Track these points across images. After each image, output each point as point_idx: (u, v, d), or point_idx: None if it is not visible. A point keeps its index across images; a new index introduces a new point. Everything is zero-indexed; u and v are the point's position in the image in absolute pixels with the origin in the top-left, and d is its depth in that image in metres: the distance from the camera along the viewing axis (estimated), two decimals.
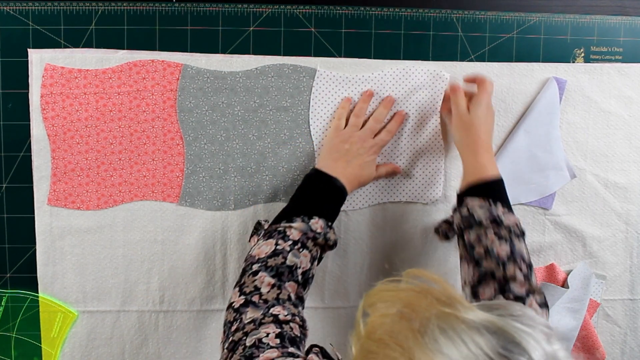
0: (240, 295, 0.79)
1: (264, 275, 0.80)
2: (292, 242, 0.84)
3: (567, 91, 1.05)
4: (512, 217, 0.87)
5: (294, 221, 0.86)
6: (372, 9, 1.01)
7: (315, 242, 0.86)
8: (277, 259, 0.82)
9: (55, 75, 0.96)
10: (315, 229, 0.86)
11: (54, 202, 0.99)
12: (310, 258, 0.85)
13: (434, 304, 0.53)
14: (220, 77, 0.99)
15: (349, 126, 0.98)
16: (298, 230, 0.85)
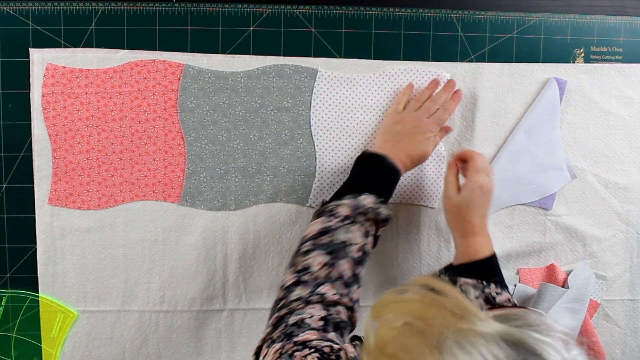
0: (292, 274, 0.78)
1: (316, 254, 0.79)
2: (342, 217, 0.83)
3: (568, 91, 1.05)
4: (505, 294, 0.86)
5: (343, 198, 0.85)
6: (372, 9, 1.01)
7: (366, 216, 0.84)
8: (329, 236, 0.81)
9: (57, 75, 0.96)
10: (364, 204, 0.84)
11: (54, 201, 0.99)
12: (364, 232, 0.84)
13: (448, 317, 0.53)
14: (221, 77, 0.99)
15: (406, 109, 0.98)
16: (347, 206, 0.84)
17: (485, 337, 0.50)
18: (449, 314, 0.53)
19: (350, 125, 1.02)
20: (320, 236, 0.81)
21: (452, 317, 0.52)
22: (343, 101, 1.01)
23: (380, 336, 0.55)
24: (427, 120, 0.95)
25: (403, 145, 0.93)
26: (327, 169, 1.02)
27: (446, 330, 0.51)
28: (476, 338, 0.50)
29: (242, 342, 1.06)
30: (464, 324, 0.51)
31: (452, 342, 0.50)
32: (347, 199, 0.85)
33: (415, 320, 0.54)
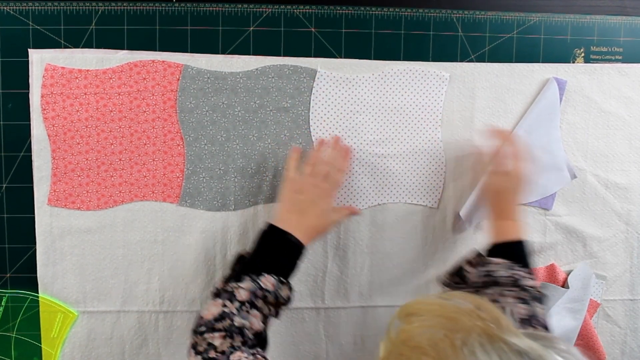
0: (197, 355, 0.76)
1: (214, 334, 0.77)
2: (240, 303, 0.80)
3: (567, 91, 1.05)
4: (533, 281, 0.86)
5: (242, 280, 0.82)
6: (372, 9, 1.01)
7: (266, 300, 0.82)
8: (224, 322, 0.78)
9: (56, 76, 0.96)
10: (265, 287, 0.82)
11: (54, 202, 0.99)
12: (262, 317, 0.82)
13: (479, 323, 0.54)
14: (220, 77, 0.99)
15: (301, 175, 0.95)
16: (246, 290, 0.81)
17: (509, 345, 0.51)
18: (481, 322, 0.54)
19: (350, 125, 1.02)
20: (215, 322, 0.79)
21: (482, 323, 0.54)
22: (342, 101, 1.01)
23: (407, 330, 0.57)
24: (325, 185, 0.94)
25: (308, 217, 0.91)
26: None
27: (471, 332, 0.52)
28: (500, 344, 0.51)
29: None
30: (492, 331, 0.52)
31: (475, 342, 0.51)
32: (247, 281, 0.82)
33: (445, 321, 0.56)
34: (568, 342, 1.08)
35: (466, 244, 1.07)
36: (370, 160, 1.03)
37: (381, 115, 1.02)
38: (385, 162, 1.03)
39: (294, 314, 1.06)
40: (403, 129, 1.03)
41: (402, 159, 1.04)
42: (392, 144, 1.03)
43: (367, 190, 1.04)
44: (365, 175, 1.03)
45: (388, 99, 1.02)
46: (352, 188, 1.03)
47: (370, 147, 1.03)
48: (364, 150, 1.03)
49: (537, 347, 0.51)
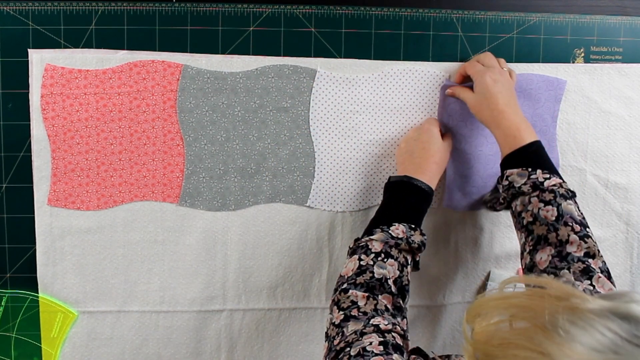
0: (339, 311, 0.79)
1: (355, 292, 0.81)
2: (375, 254, 0.84)
3: (567, 91, 1.05)
4: (554, 179, 0.86)
5: (374, 233, 0.86)
6: (372, 9, 1.01)
7: (399, 248, 0.86)
8: (365, 275, 0.82)
9: (56, 76, 0.96)
10: (396, 236, 0.86)
11: (54, 202, 0.99)
12: (398, 266, 0.84)
13: (553, 302, 0.53)
14: (220, 77, 0.99)
15: None
16: (379, 241, 0.85)
17: (596, 313, 0.50)
18: (554, 299, 0.53)
19: (350, 125, 1.02)
20: (356, 276, 0.83)
21: (557, 301, 0.53)
22: (342, 101, 1.01)
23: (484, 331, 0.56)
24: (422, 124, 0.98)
25: (418, 153, 0.95)
26: (326, 169, 1.02)
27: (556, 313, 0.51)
28: (587, 315, 0.50)
29: (241, 342, 1.06)
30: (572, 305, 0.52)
31: (564, 321, 0.50)
32: (377, 233, 0.86)
33: (519, 310, 0.55)
34: None
35: (467, 243, 1.07)
36: (370, 160, 1.03)
37: (381, 115, 1.02)
38: (385, 162, 1.03)
39: (293, 314, 1.06)
40: (403, 129, 1.03)
41: None
42: (392, 144, 1.03)
43: (367, 190, 1.04)
44: (365, 175, 1.03)
45: (388, 99, 1.02)
46: (352, 188, 1.03)
47: (370, 147, 1.03)
48: (364, 150, 1.03)
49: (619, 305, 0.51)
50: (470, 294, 1.09)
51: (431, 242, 1.06)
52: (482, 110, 0.92)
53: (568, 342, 0.49)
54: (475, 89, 0.94)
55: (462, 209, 1.06)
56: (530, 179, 0.86)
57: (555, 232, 0.81)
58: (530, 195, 0.85)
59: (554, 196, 0.83)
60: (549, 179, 0.85)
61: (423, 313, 1.08)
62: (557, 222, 0.82)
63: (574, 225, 0.81)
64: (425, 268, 1.07)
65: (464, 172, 1.04)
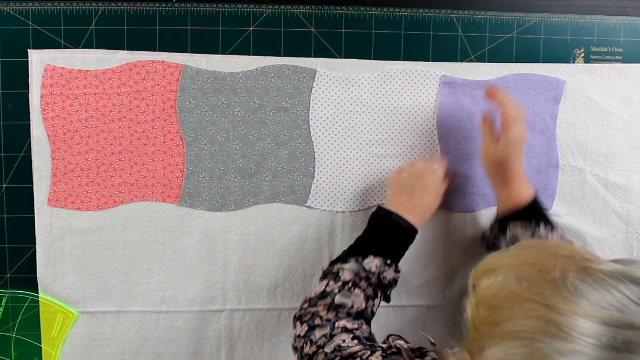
0: (302, 324, 0.81)
1: (319, 308, 0.82)
2: (342, 283, 0.84)
3: (567, 91, 1.05)
4: (556, 233, 0.88)
5: (347, 262, 0.87)
6: (372, 9, 1.01)
7: (369, 281, 0.86)
8: (326, 300, 0.83)
9: (55, 76, 0.96)
10: (368, 269, 0.86)
11: (53, 202, 0.99)
12: (364, 297, 0.85)
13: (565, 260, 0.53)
14: (220, 77, 0.99)
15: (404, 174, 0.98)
16: (349, 271, 0.85)
17: (606, 273, 0.51)
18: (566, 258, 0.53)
19: (349, 125, 1.02)
20: (319, 299, 0.84)
21: (570, 260, 0.53)
22: (342, 101, 1.01)
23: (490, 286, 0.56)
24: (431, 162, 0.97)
25: (417, 194, 0.93)
26: (326, 169, 1.02)
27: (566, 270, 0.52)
28: (598, 274, 0.51)
29: (241, 342, 1.06)
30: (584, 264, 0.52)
31: (574, 278, 0.51)
32: (350, 262, 0.86)
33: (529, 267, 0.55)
34: None
35: (466, 243, 1.07)
36: (370, 160, 1.03)
37: (381, 115, 1.02)
38: (385, 162, 1.03)
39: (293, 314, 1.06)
40: (403, 129, 1.03)
41: (402, 159, 1.04)
42: (392, 144, 1.03)
43: (366, 190, 1.04)
44: (365, 176, 1.03)
45: (388, 99, 1.02)
46: (351, 188, 1.03)
47: (370, 147, 1.03)
48: (364, 150, 1.03)
49: (632, 270, 0.51)
50: None
51: (431, 241, 1.06)
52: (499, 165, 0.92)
53: (575, 297, 0.49)
54: (502, 140, 0.91)
55: (462, 209, 1.06)
56: (534, 234, 0.88)
57: None
58: None
59: None
60: (551, 233, 0.88)
61: (423, 313, 1.08)
62: None
63: None
64: (425, 268, 1.07)
65: (464, 172, 1.04)
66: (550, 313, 0.49)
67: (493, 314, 0.54)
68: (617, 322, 0.48)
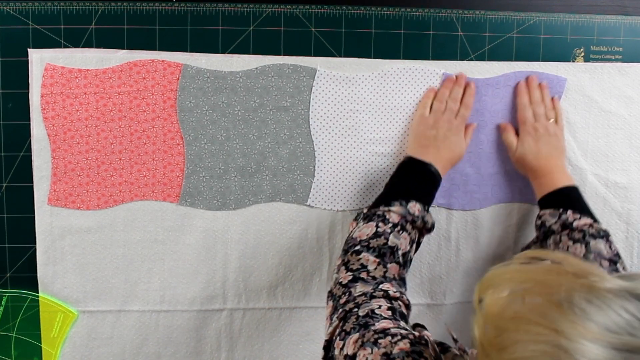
0: (347, 272, 0.80)
1: (367, 255, 0.82)
2: (392, 224, 0.85)
3: (568, 91, 1.05)
4: (585, 219, 0.90)
5: (392, 205, 0.87)
6: (372, 8, 1.01)
7: (414, 225, 0.88)
8: (379, 240, 0.84)
9: (56, 75, 0.96)
10: (413, 212, 0.87)
11: (54, 202, 0.99)
12: (410, 241, 0.86)
13: (570, 279, 0.52)
14: (220, 76, 0.99)
15: (433, 112, 1.00)
16: (397, 213, 0.86)
17: (612, 292, 0.49)
18: (572, 276, 0.52)
19: (350, 124, 1.02)
20: (370, 239, 0.84)
21: (574, 278, 0.52)
22: (342, 100, 1.01)
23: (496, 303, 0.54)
24: (456, 121, 0.99)
25: (444, 150, 0.97)
26: (326, 168, 1.02)
27: (572, 290, 0.50)
28: (604, 294, 0.49)
29: (241, 341, 1.06)
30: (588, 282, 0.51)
31: (580, 299, 0.49)
32: (396, 205, 0.87)
33: (535, 285, 0.54)
34: None
35: (468, 242, 1.07)
36: (370, 158, 1.03)
37: (381, 113, 1.02)
38: (386, 160, 1.03)
39: (293, 313, 1.06)
40: (403, 127, 1.03)
41: (402, 157, 1.03)
42: (392, 142, 1.03)
43: (367, 189, 1.04)
44: (366, 174, 1.03)
45: (388, 98, 1.02)
46: (352, 187, 1.03)
47: (370, 146, 1.03)
48: (364, 149, 1.03)
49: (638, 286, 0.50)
50: (470, 293, 1.09)
51: (432, 240, 1.06)
52: (524, 164, 1.00)
53: (583, 320, 0.48)
54: (520, 140, 1.01)
55: (462, 207, 1.06)
56: (561, 219, 0.91)
57: None
58: (560, 234, 0.90)
59: (583, 235, 0.88)
60: (579, 219, 0.90)
61: (423, 312, 1.08)
62: (586, 259, 0.84)
63: (601, 262, 0.84)
64: (426, 267, 1.07)
65: (465, 170, 1.04)
66: (558, 338, 0.48)
67: (499, 335, 0.53)
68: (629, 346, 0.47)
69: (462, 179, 1.05)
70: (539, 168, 0.98)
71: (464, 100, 1.01)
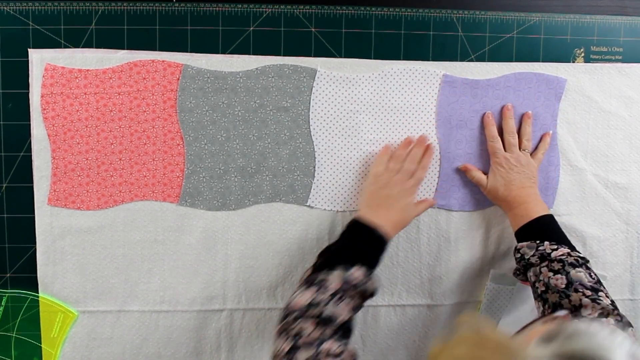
0: (288, 339, 0.79)
1: (305, 321, 0.80)
2: (332, 293, 0.83)
3: (567, 91, 1.05)
4: (562, 249, 0.90)
5: (334, 269, 0.86)
6: (372, 9, 1.01)
7: (356, 290, 0.85)
8: (316, 309, 0.81)
9: (56, 75, 0.96)
10: (355, 278, 0.85)
11: (54, 202, 0.99)
12: (351, 308, 0.84)
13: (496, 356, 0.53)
14: (220, 77, 0.99)
15: (387, 171, 0.98)
16: (338, 279, 0.84)
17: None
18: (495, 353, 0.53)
19: (350, 125, 1.02)
20: (308, 309, 0.82)
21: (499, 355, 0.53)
22: (342, 101, 1.01)
23: None
24: (410, 182, 0.98)
25: (395, 211, 0.95)
26: (326, 168, 1.02)
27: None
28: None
29: (241, 342, 1.06)
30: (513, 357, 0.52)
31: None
32: (339, 270, 0.85)
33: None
34: None
35: (467, 243, 1.07)
36: (370, 159, 1.03)
37: (381, 114, 1.02)
38: None
39: None
40: (403, 128, 1.03)
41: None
42: (392, 143, 1.03)
43: None
44: (365, 175, 1.03)
45: (388, 98, 1.02)
46: (352, 188, 1.03)
47: (370, 147, 1.03)
48: (364, 149, 1.03)
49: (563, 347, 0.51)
50: (470, 294, 1.09)
51: (432, 241, 1.06)
52: (497, 196, 1.00)
53: None
54: (491, 171, 1.01)
55: (462, 208, 1.06)
56: (538, 251, 0.91)
57: (568, 299, 0.84)
58: (539, 266, 0.90)
59: (562, 265, 0.87)
60: (557, 250, 0.90)
61: (423, 313, 1.08)
62: (568, 290, 0.84)
63: (584, 291, 0.84)
64: (426, 267, 1.07)
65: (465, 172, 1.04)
66: None
67: None
68: None
69: (462, 180, 1.05)
70: (512, 199, 0.97)
71: (422, 162, 1.00)
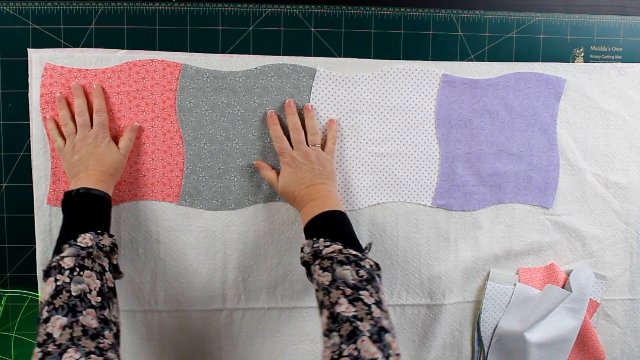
0: (37, 348, 0.73)
1: (54, 318, 0.75)
2: (69, 270, 0.79)
3: (567, 91, 1.05)
4: (335, 246, 0.85)
5: (63, 250, 0.82)
6: (372, 9, 1.01)
7: (92, 257, 0.82)
8: (62, 296, 0.77)
9: (55, 75, 0.96)
10: (85, 245, 0.82)
11: (53, 201, 0.99)
12: (97, 275, 0.81)
13: None
14: (220, 76, 0.99)
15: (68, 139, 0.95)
16: (70, 256, 0.81)
17: None
18: None
19: (349, 124, 1.02)
20: (54, 298, 0.77)
21: None
22: (342, 100, 1.01)
23: None
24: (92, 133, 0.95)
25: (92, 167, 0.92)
26: None
27: None
28: None
29: (241, 341, 1.06)
30: None
31: None
32: (66, 249, 0.82)
33: None
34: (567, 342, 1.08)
35: (467, 243, 1.07)
36: (370, 159, 1.03)
37: (380, 114, 1.02)
38: (385, 161, 1.03)
39: (293, 313, 1.06)
40: (403, 127, 1.03)
41: (402, 157, 1.04)
42: (392, 142, 1.03)
43: (366, 189, 1.04)
44: (365, 174, 1.03)
45: (387, 98, 1.02)
46: (351, 187, 1.03)
47: (370, 146, 1.03)
48: (364, 149, 1.03)
49: None
50: (470, 293, 1.09)
51: (431, 241, 1.06)
52: (288, 196, 0.97)
53: None
54: (280, 172, 0.98)
55: (462, 208, 1.06)
56: (313, 248, 0.86)
57: (328, 296, 0.80)
58: (313, 265, 0.86)
59: (331, 262, 0.83)
60: (329, 247, 0.85)
61: (423, 312, 1.08)
62: (330, 287, 0.81)
63: (345, 289, 0.79)
64: (425, 267, 1.07)
65: (465, 171, 1.04)
66: None
67: None
68: None
69: (462, 180, 1.05)
70: (300, 198, 0.94)
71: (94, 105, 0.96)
